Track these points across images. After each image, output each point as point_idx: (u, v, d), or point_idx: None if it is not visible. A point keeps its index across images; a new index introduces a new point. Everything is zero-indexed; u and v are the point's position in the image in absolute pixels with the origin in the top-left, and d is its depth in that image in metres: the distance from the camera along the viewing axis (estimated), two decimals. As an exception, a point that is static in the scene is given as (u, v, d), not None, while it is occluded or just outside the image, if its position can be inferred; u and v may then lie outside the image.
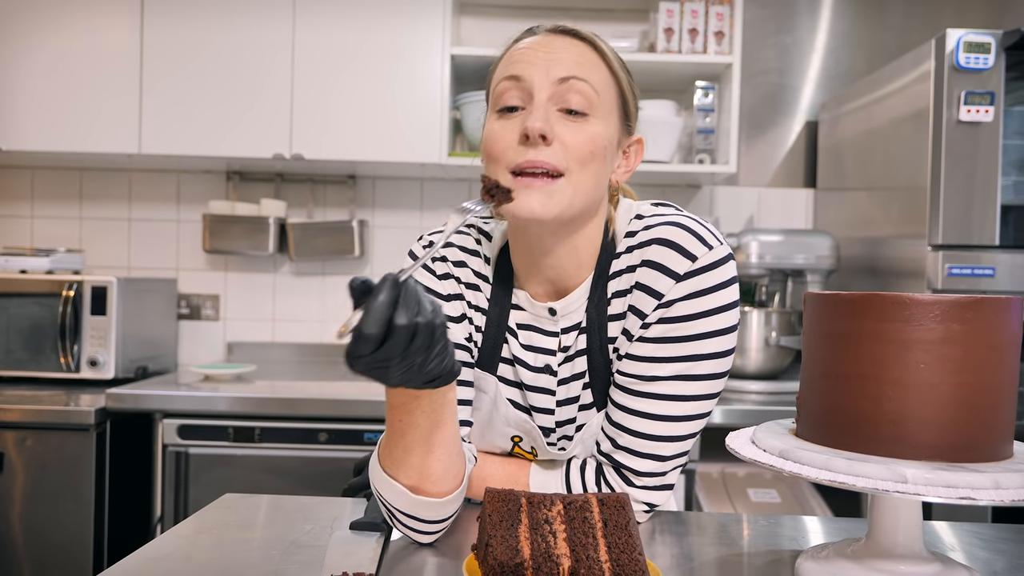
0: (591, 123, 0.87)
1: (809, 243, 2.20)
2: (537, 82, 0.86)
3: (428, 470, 0.81)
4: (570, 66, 0.86)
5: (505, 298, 0.97)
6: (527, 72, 0.86)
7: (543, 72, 0.86)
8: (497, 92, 0.89)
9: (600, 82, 0.88)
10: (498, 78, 0.90)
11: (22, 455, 1.94)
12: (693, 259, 0.87)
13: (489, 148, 0.88)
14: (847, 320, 0.71)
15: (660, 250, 0.89)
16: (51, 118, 2.32)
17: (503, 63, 0.91)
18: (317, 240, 2.59)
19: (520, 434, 0.97)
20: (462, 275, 0.98)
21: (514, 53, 0.89)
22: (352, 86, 2.31)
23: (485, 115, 0.93)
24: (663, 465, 0.92)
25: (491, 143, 0.88)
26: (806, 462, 0.70)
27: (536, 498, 0.74)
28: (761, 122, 2.69)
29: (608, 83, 0.89)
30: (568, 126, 0.86)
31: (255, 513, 0.98)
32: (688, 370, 0.89)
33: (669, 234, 0.89)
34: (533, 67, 0.86)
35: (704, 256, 0.87)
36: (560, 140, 0.85)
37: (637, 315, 0.90)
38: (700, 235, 0.88)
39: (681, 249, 0.88)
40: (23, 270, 2.29)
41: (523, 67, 0.87)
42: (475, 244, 1.00)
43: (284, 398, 2.00)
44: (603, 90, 0.88)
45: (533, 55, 0.87)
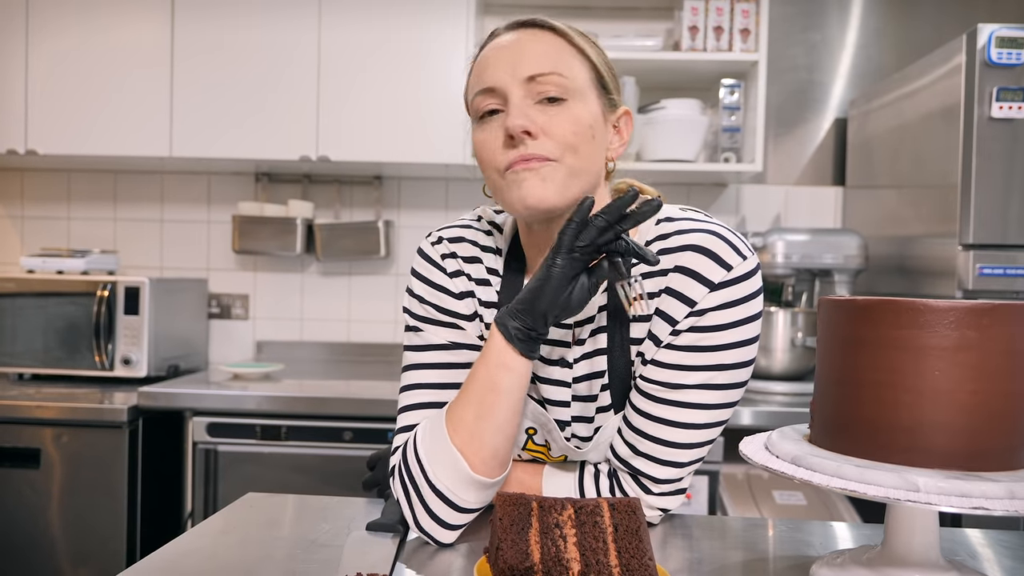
0: (570, 106, 0.87)
1: (837, 242, 2.17)
2: (506, 85, 0.86)
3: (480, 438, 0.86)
4: (535, 62, 0.86)
5: (516, 289, 0.96)
6: (495, 79, 0.87)
7: (509, 75, 0.86)
8: (475, 106, 0.90)
9: (568, 66, 0.88)
10: (472, 93, 0.91)
11: (59, 451, 1.99)
12: (728, 268, 0.87)
13: (480, 156, 0.90)
14: (861, 326, 0.71)
15: (695, 257, 0.88)
16: (86, 123, 2.37)
17: (473, 78, 0.92)
18: (344, 240, 2.62)
19: (534, 426, 0.97)
20: (473, 271, 0.97)
21: (479, 65, 0.91)
22: (377, 88, 2.34)
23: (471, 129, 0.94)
24: (681, 471, 0.92)
25: (480, 150, 0.90)
26: (818, 469, 0.70)
27: (547, 502, 0.75)
28: (789, 120, 2.66)
29: (577, 63, 0.89)
30: (548, 114, 0.86)
31: (277, 512, 1.00)
32: (713, 379, 0.88)
33: (705, 242, 0.88)
34: (499, 72, 0.87)
35: (739, 266, 0.87)
36: (543, 130, 0.86)
37: (667, 320, 0.89)
38: (735, 245, 0.88)
39: (717, 258, 0.87)
40: (60, 271, 2.36)
41: (490, 75, 0.88)
42: (486, 238, 0.99)
43: (310, 397, 2.03)
44: (574, 73, 0.88)
45: (496, 60, 0.88)
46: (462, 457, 0.85)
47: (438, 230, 1.00)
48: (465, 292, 0.97)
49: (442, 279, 0.97)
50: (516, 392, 0.86)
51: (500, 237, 0.99)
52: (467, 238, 0.99)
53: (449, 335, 0.96)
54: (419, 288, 0.98)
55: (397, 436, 0.95)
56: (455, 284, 0.97)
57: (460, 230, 0.99)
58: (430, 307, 0.96)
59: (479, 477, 0.85)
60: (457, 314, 0.96)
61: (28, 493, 1.99)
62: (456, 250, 0.98)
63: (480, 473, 0.85)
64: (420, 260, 0.99)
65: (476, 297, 0.97)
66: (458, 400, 0.87)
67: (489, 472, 0.86)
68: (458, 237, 0.99)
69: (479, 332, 0.97)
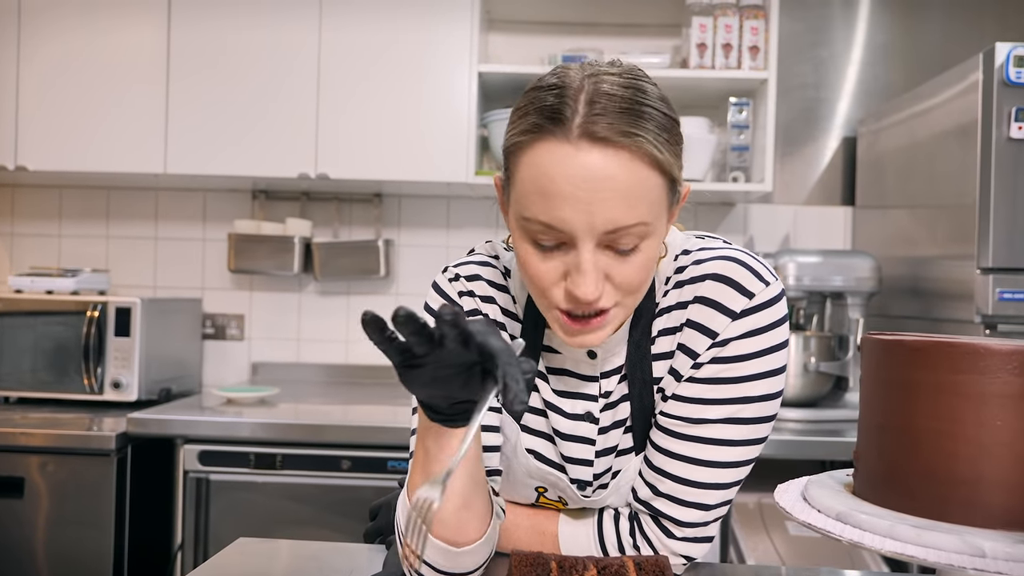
0: (644, 250, 0.74)
1: (849, 264, 2.11)
2: (580, 235, 0.71)
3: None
4: (619, 211, 0.71)
5: (535, 339, 0.89)
6: (566, 222, 0.71)
7: (586, 225, 0.71)
8: (529, 227, 0.74)
9: (650, 201, 0.73)
10: (529, 209, 0.73)
11: (44, 480, 1.92)
12: (750, 296, 0.81)
13: (533, 280, 0.76)
14: (914, 369, 0.64)
15: (715, 286, 0.82)
16: (77, 139, 2.31)
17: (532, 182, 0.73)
18: (342, 260, 2.56)
19: (544, 485, 0.91)
20: (490, 311, 0.91)
21: (546, 181, 0.71)
22: (378, 104, 2.28)
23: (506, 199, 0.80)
24: (706, 515, 0.85)
25: (534, 277, 0.76)
26: (868, 528, 0.63)
27: (567, 562, 0.68)
28: (797, 138, 2.61)
29: (656, 185, 0.73)
30: (618, 267, 0.74)
31: (271, 561, 0.93)
32: (738, 413, 0.82)
33: (724, 269, 0.83)
34: (572, 214, 0.71)
35: (761, 293, 0.82)
36: (610, 281, 0.74)
37: (688, 354, 0.84)
38: (756, 270, 0.83)
39: (737, 286, 0.82)
40: (49, 290, 2.29)
41: (561, 214, 0.71)
42: (502, 278, 0.92)
43: (307, 424, 1.96)
44: (653, 206, 0.73)
45: (568, 195, 0.70)
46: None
47: (455, 266, 0.92)
48: None
49: None
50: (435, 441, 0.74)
51: (515, 282, 0.91)
52: (484, 277, 0.91)
53: None
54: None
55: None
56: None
57: (478, 268, 0.92)
58: None
59: (439, 543, 0.76)
60: None
61: (11, 524, 1.91)
62: (473, 288, 0.90)
63: (439, 538, 0.76)
64: (435, 296, 0.91)
65: None
66: (410, 467, 0.80)
67: (448, 539, 0.77)
68: (475, 275, 0.91)
69: None
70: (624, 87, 0.72)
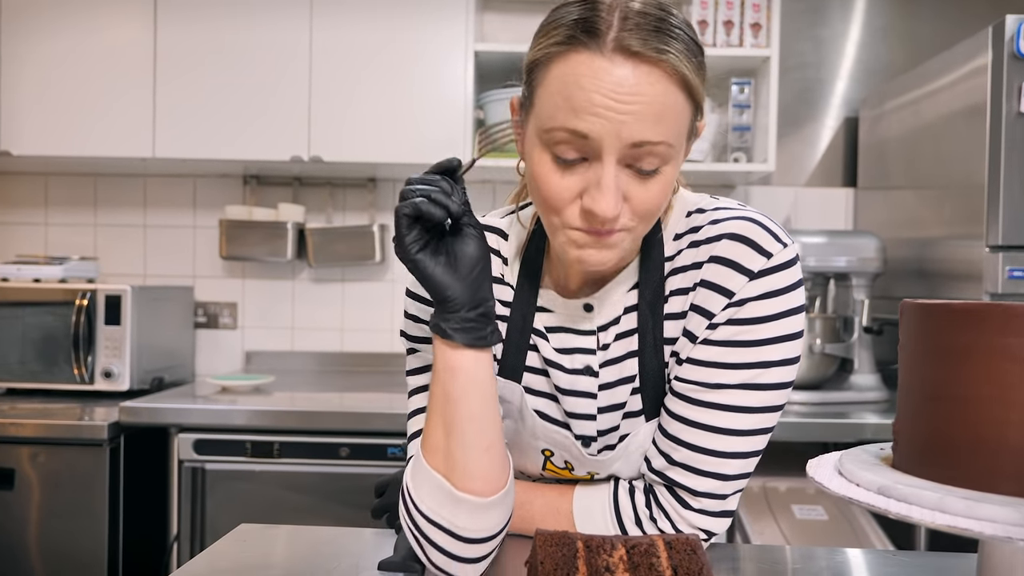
0: (663, 174, 0.73)
1: (854, 245, 2.08)
2: (607, 145, 0.70)
3: (452, 456, 0.77)
4: (647, 125, 0.70)
5: (529, 300, 0.88)
6: (594, 129, 0.70)
7: (614, 134, 0.70)
8: (553, 138, 0.72)
9: (677, 123, 0.72)
10: (555, 119, 0.72)
11: (35, 471, 1.87)
12: (768, 256, 0.78)
13: (547, 198, 0.75)
14: (962, 334, 0.61)
15: (732, 245, 0.79)
16: (62, 123, 2.25)
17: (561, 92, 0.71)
18: (337, 245, 2.51)
19: (551, 448, 0.88)
20: None
21: (576, 90, 0.70)
22: (372, 85, 2.23)
23: (520, 112, 0.79)
24: (724, 486, 0.81)
25: (550, 195, 0.74)
26: (914, 501, 0.60)
27: (594, 541, 0.65)
28: (797, 119, 2.58)
29: (683, 109, 0.73)
30: (637, 189, 0.73)
31: (273, 547, 0.89)
32: (756, 378, 0.79)
33: (741, 229, 0.80)
34: (601, 123, 0.69)
35: (779, 254, 0.79)
36: (628, 203, 0.73)
37: (703, 315, 0.81)
38: (774, 232, 0.80)
39: (755, 245, 0.79)
40: (36, 279, 2.23)
41: (591, 123, 0.70)
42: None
43: (304, 411, 1.91)
44: (679, 127, 0.73)
45: (599, 102, 0.69)
46: (442, 477, 0.77)
47: None
48: None
49: None
50: (472, 396, 0.78)
51: (507, 245, 0.90)
52: None
53: None
54: (413, 308, 0.89)
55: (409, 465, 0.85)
56: None
57: None
58: (426, 326, 0.87)
59: (466, 496, 0.76)
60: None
61: (2, 516, 1.86)
62: None
63: (465, 491, 0.76)
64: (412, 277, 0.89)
65: None
66: (427, 420, 0.80)
67: (475, 490, 0.77)
68: None
69: None
70: (655, 7, 0.73)
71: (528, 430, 0.88)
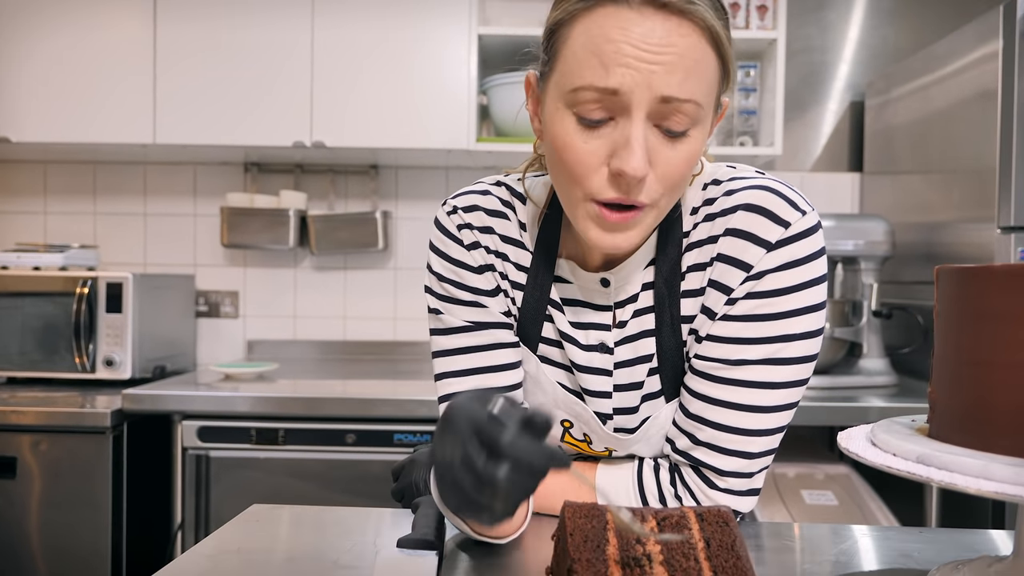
0: (691, 139, 0.71)
1: (862, 228, 2.06)
2: (636, 100, 0.67)
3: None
4: (677, 78, 0.67)
5: (546, 270, 0.85)
6: (623, 82, 0.67)
7: (644, 85, 0.67)
8: (578, 97, 0.69)
9: (707, 83, 0.70)
10: (582, 76, 0.69)
11: (37, 459, 1.84)
12: (785, 225, 0.76)
13: (572, 165, 0.71)
14: (1003, 296, 0.59)
15: (747, 216, 0.77)
16: (62, 109, 2.22)
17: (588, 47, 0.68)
18: (339, 232, 2.49)
19: (570, 418, 0.87)
20: (490, 243, 0.86)
21: (604, 43, 0.67)
22: (374, 69, 2.20)
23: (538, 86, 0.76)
24: (750, 464, 0.80)
25: (574, 161, 0.71)
26: (956, 469, 0.58)
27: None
28: (801, 103, 2.55)
29: (713, 69, 0.70)
30: (665, 151, 0.70)
31: (286, 527, 0.87)
32: (779, 352, 0.77)
33: (757, 199, 0.77)
34: (631, 75, 0.67)
35: (797, 222, 0.76)
36: (655, 168, 0.70)
37: (721, 290, 0.78)
38: (791, 199, 0.77)
39: (771, 215, 0.76)
40: (36, 267, 2.20)
41: (620, 76, 0.67)
42: (503, 206, 0.87)
43: (308, 397, 1.89)
44: (709, 87, 0.70)
45: (629, 52, 0.67)
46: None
47: (452, 198, 0.88)
48: (484, 266, 0.86)
49: (459, 252, 0.86)
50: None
51: (524, 209, 0.87)
52: (482, 206, 0.87)
53: (472, 314, 0.86)
54: (437, 264, 0.87)
55: None
56: (473, 257, 0.86)
57: (477, 197, 0.87)
58: (449, 285, 0.86)
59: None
60: (478, 290, 0.86)
61: (3, 505, 1.84)
62: (471, 220, 0.86)
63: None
64: (436, 232, 0.88)
65: (497, 271, 0.86)
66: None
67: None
68: (472, 206, 0.87)
69: (503, 308, 0.87)
70: None
71: (549, 400, 0.87)
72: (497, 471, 0.54)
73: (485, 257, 0.86)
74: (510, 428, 0.55)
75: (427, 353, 2.56)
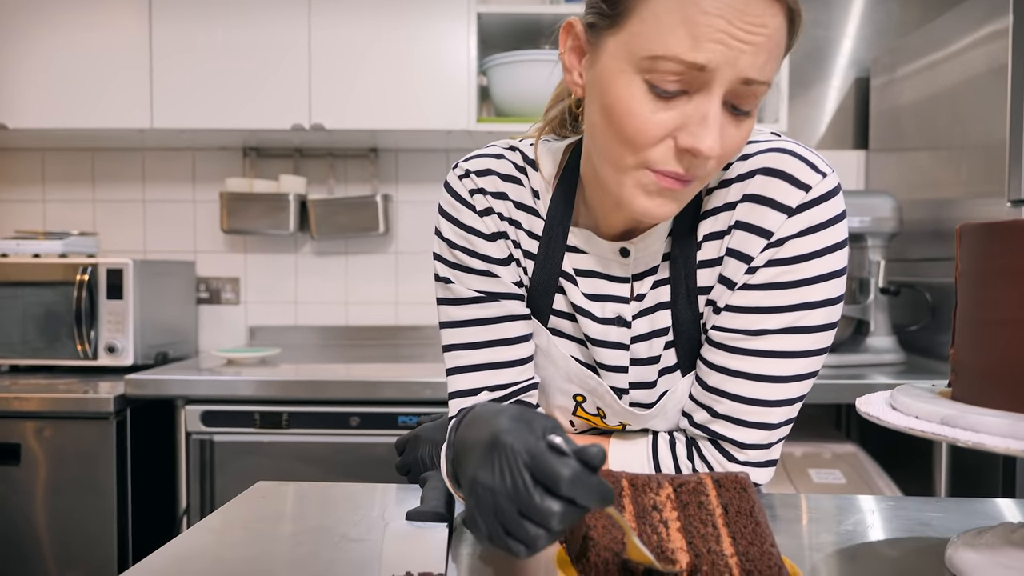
0: (752, 118, 0.69)
1: (869, 204, 2.04)
2: (720, 78, 0.64)
3: None
4: (761, 60, 0.64)
5: (560, 239, 0.82)
6: (714, 62, 0.63)
7: (731, 64, 0.63)
8: (657, 66, 0.65)
9: (780, 63, 0.68)
10: (667, 46, 0.64)
11: (41, 445, 1.84)
12: (806, 189, 0.73)
13: (634, 134, 0.67)
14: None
15: (767, 181, 0.74)
16: (58, 95, 2.20)
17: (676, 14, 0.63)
18: (339, 217, 2.47)
19: (583, 393, 0.85)
20: (504, 209, 0.83)
21: (698, 15, 0.62)
22: (373, 50, 2.18)
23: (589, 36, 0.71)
24: (770, 435, 0.78)
25: (637, 130, 0.66)
26: (983, 429, 0.56)
27: (639, 480, 0.61)
28: (806, 80, 2.53)
29: (782, 53, 0.68)
30: (731, 129, 0.67)
31: (293, 503, 0.86)
32: (800, 320, 0.75)
33: (775, 162, 0.74)
34: (723, 53, 0.63)
35: (818, 185, 0.74)
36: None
37: (740, 259, 0.76)
38: (811, 161, 0.75)
39: (792, 179, 0.73)
40: (36, 254, 2.19)
41: (710, 52, 0.63)
42: (517, 172, 0.84)
43: (312, 380, 1.88)
44: (777, 71, 0.69)
45: (728, 31, 0.62)
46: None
47: (464, 161, 0.85)
48: (497, 233, 0.83)
49: (471, 218, 0.83)
50: None
51: (537, 176, 0.84)
52: (496, 170, 0.84)
53: (483, 284, 0.83)
54: (447, 230, 0.84)
55: (450, 401, 0.84)
56: (486, 224, 0.83)
57: (491, 161, 0.84)
58: (460, 252, 0.83)
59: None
60: (490, 258, 0.83)
61: (8, 492, 1.83)
62: (484, 185, 0.83)
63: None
64: (447, 197, 0.84)
65: (509, 239, 0.84)
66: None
67: None
68: (486, 170, 0.84)
69: (515, 278, 0.84)
70: None
71: (561, 374, 0.85)
72: (552, 507, 0.51)
73: (498, 224, 0.83)
74: (571, 464, 0.51)
75: (430, 338, 2.55)
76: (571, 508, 0.51)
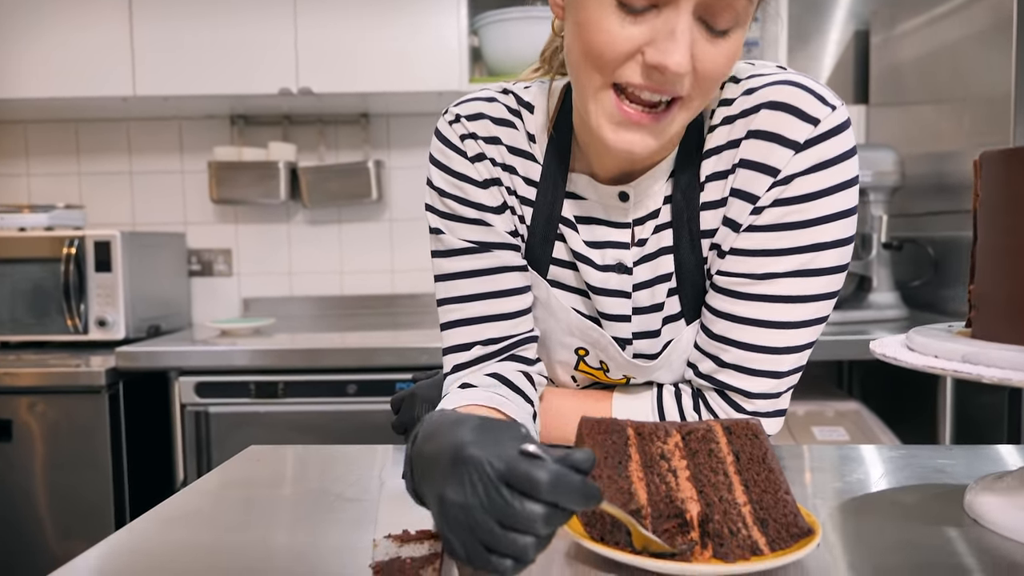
0: (732, 39, 0.65)
1: (870, 158, 2.00)
2: None
3: None
4: None
5: (557, 184, 0.79)
6: None
7: None
8: None
9: None
10: None
11: (34, 421, 1.81)
12: (815, 123, 0.69)
13: (601, 49, 0.64)
14: (1059, 176, 0.54)
15: (772, 115, 0.70)
16: (38, 64, 2.13)
17: None
18: (331, 184, 2.42)
19: (585, 346, 0.82)
20: (496, 155, 0.80)
21: None
22: (361, 11, 2.11)
23: None
24: (779, 384, 0.75)
25: (604, 44, 0.64)
26: (1007, 364, 0.53)
27: (646, 428, 0.58)
28: (804, 33, 2.47)
29: None
30: (706, 48, 0.64)
31: (288, 465, 0.83)
32: (809, 263, 0.71)
33: (781, 95, 0.70)
34: None
35: (827, 118, 0.69)
36: (694, 65, 0.65)
37: (746, 199, 0.72)
38: (819, 93, 0.70)
39: (798, 112, 0.69)
40: (22, 227, 2.14)
41: None
42: (510, 115, 0.80)
43: (307, 349, 1.85)
44: None
45: None
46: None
47: (455, 105, 0.81)
48: (490, 180, 0.80)
49: (462, 165, 0.79)
50: None
51: (532, 118, 0.80)
52: (488, 114, 0.80)
53: (476, 233, 0.80)
54: (438, 179, 0.80)
55: (444, 357, 0.81)
56: (477, 170, 0.79)
57: (482, 105, 0.80)
58: (451, 200, 0.80)
59: None
60: (483, 207, 0.79)
61: (2, 468, 1.81)
62: (475, 130, 0.79)
63: None
64: (437, 143, 0.81)
65: (503, 186, 0.80)
66: None
67: None
68: (477, 114, 0.80)
69: (510, 227, 0.81)
70: None
71: (562, 327, 0.82)
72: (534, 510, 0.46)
73: (491, 170, 0.80)
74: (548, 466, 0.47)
75: (427, 306, 2.52)
76: (555, 511, 0.47)
